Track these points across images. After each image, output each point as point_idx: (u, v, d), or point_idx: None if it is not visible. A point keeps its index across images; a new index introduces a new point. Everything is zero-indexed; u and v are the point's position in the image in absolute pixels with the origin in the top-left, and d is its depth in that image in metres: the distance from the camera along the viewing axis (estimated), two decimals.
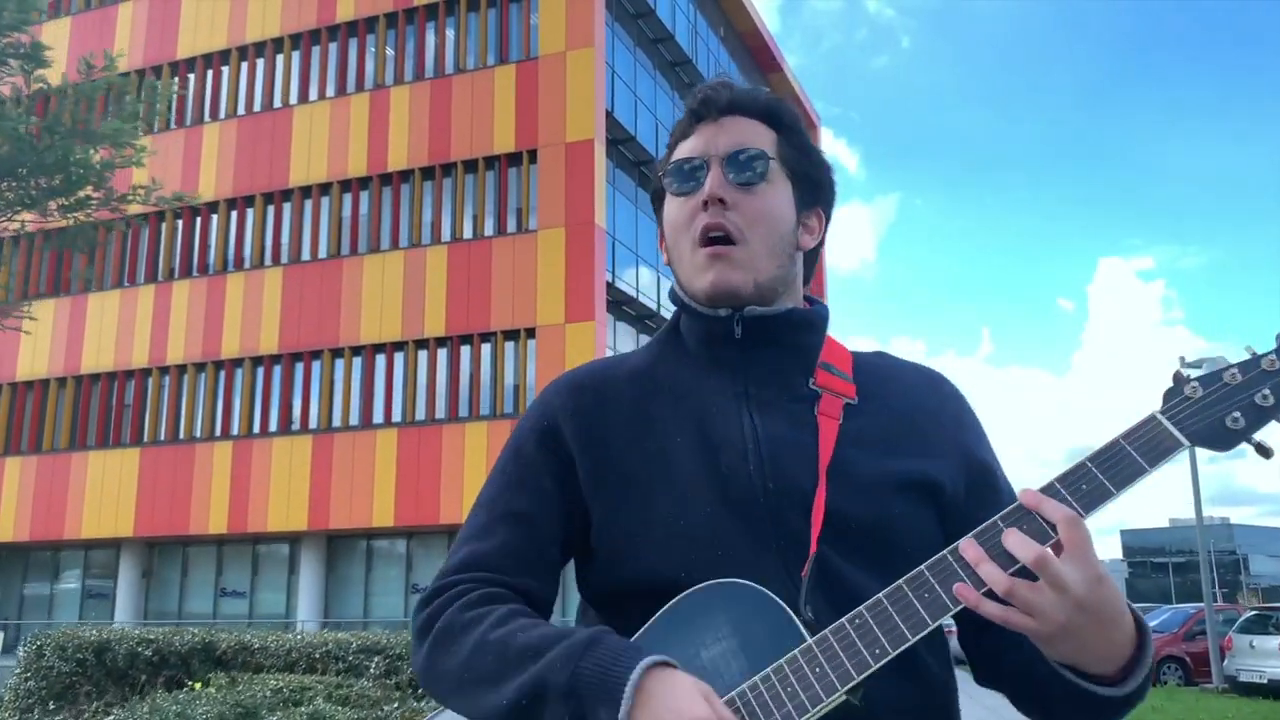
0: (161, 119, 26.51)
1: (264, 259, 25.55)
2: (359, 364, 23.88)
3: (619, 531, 1.14)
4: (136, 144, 16.20)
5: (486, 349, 22.89)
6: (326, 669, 7.36)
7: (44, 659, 8.13)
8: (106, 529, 24.91)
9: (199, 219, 26.39)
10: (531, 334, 22.29)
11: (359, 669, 7.29)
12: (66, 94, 16.25)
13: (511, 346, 22.61)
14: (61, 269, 24.48)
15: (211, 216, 26.33)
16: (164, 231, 26.60)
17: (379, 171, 24.64)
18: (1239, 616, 18.22)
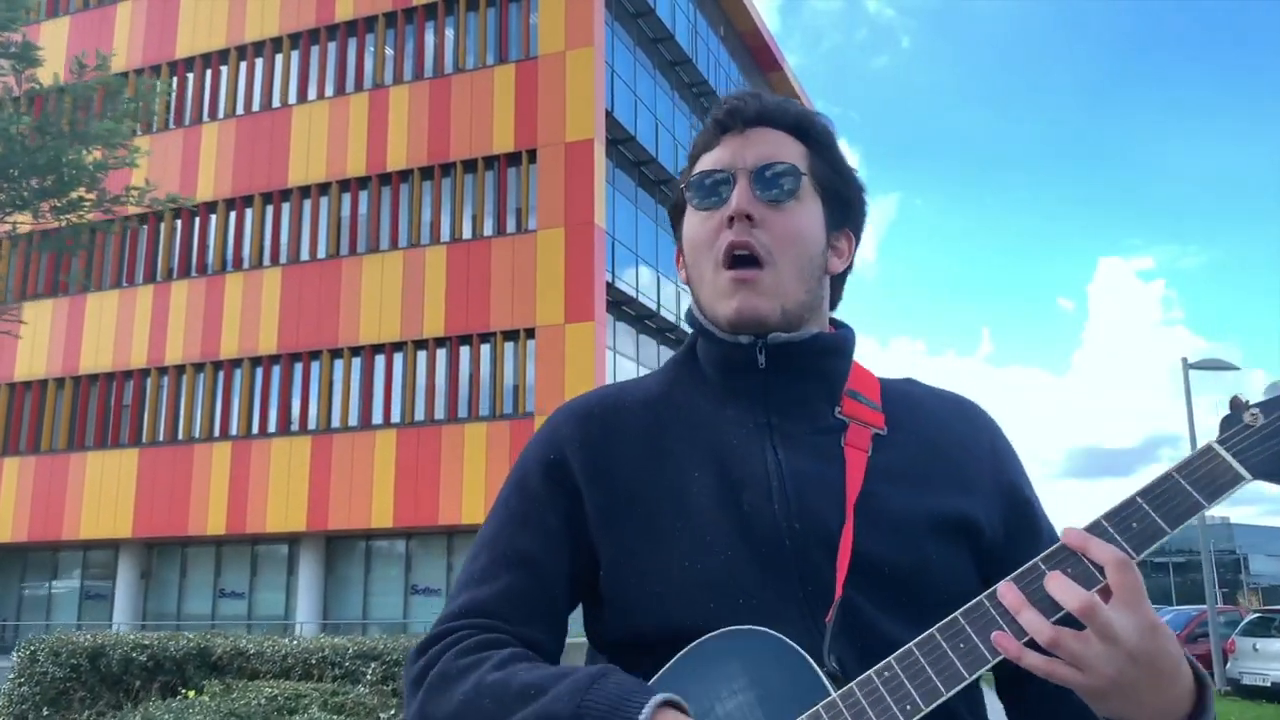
0: (160, 119, 26.45)
1: (263, 259, 25.48)
2: (358, 364, 23.81)
3: (631, 575, 1.05)
4: (130, 145, 16.02)
5: (486, 349, 22.82)
6: (323, 675, 7.28)
7: (38, 664, 8.05)
8: (105, 529, 24.85)
9: (198, 219, 26.31)
10: (531, 334, 22.22)
11: (355, 675, 7.21)
12: (61, 94, 16.10)
13: (511, 347, 22.54)
14: (60, 269, 24.39)
15: (210, 216, 26.26)
16: (162, 231, 26.54)
17: (378, 171, 24.57)
18: (1241, 618, 18.16)
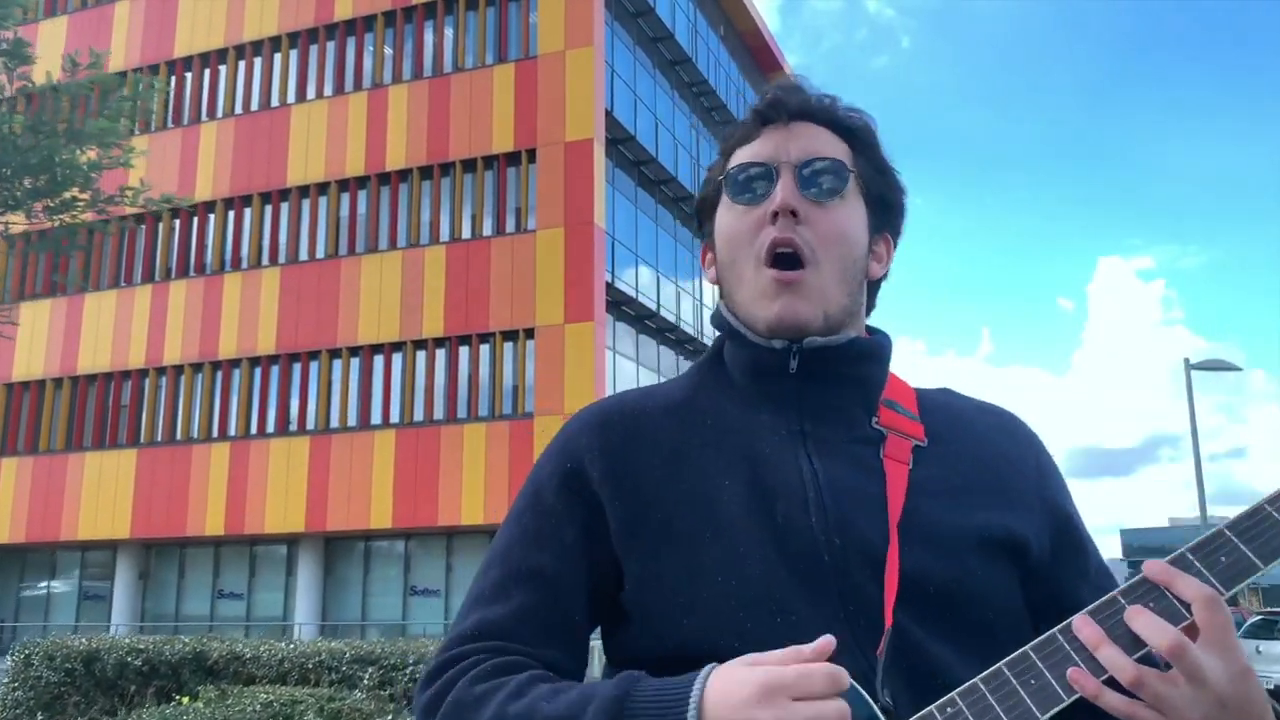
0: (158, 118, 26.39)
1: (261, 259, 25.42)
2: (357, 364, 23.76)
3: (658, 590, 0.98)
4: (125, 144, 15.90)
5: (485, 349, 22.76)
6: (320, 680, 7.23)
7: (32, 668, 8.02)
8: (103, 530, 24.80)
9: (196, 219, 26.26)
10: (530, 334, 22.17)
11: (352, 680, 7.16)
12: (55, 93, 15.97)
13: (510, 347, 22.49)
14: (57, 270, 24.35)
15: (209, 216, 26.20)
16: (161, 231, 26.49)
17: (377, 171, 24.52)
18: (1244, 620, 18.06)
